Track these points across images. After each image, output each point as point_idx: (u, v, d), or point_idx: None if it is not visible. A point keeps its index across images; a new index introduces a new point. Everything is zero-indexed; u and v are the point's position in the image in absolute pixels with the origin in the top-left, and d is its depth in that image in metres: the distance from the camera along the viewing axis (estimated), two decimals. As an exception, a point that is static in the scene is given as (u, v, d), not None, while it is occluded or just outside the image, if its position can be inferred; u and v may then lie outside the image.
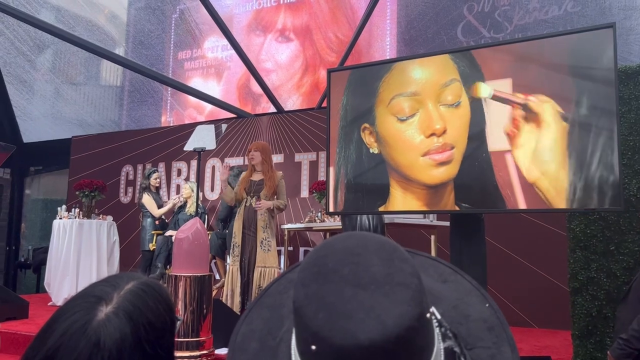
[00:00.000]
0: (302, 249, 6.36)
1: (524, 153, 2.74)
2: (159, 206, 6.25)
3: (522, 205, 2.74)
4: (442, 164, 2.91)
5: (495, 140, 2.82)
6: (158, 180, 6.46)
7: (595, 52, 2.67)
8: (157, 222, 6.24)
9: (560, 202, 2.67)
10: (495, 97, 2.84)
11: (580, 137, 2.66)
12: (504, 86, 2.83)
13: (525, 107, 2.77)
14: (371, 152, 3.15)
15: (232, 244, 4.60)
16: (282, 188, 4.68)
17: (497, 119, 2.83)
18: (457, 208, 2.90)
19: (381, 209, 3.14)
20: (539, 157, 2.71)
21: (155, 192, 6.39)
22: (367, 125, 3.17)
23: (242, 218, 4.56)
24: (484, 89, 2.87)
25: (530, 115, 2.74)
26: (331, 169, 3.27)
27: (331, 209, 3.32)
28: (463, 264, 2.92)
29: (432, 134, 2.94)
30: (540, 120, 2.72)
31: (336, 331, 0.55)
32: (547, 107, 2.72)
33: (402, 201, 3.05)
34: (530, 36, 3.50)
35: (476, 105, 2.88)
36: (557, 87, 2.73)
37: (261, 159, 4.63)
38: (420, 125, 2.98)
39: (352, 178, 3.21)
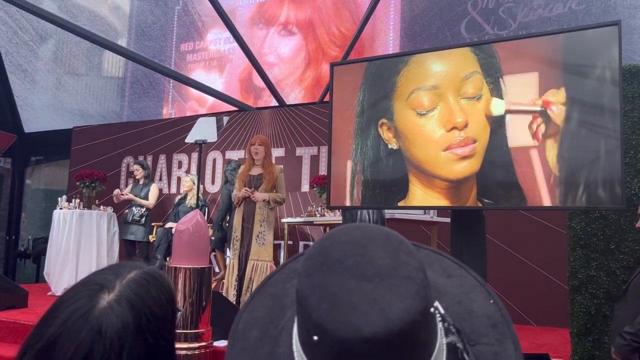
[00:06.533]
0: (301, 243, 6.36)
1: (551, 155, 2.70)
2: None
3: (546, 202, 2.70)
4: (465, 158, 2.86)
5: (517, 136, 2.77)
6: None
7: (599, 50, 2.66)
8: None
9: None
10: (509, 112, 2.78)
11: (584, 135, 2.65)
12: (529, 81, 2.78)
13: (543, 114, 2.71)
14: (389, 147, 3.10)
15: (232, 238, 4.61)
16: (282, 181, 4.69)
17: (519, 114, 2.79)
18: (479, 204, 2.84)
19: (400, 204, 3.10)
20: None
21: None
22: (385, 120, 3.12)
23: (242, 212, 4.57)
24: (497, 106, 2.81)
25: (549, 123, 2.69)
26: (348, 164, 3.24)
27: (347, 204, 3.28)
28: (463, 260, 2.89)
29: (454, 128, 2.88)
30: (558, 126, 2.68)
31: (338, 323, 0.54)
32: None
33: (422, 197, 2.99)
34: (534, 33, 3.49)
35: (498, 97, 2.84)
36: (565, 85, 2.72)
37: (265, 154, 4.64)
38: (441, 119, 2.93)
39: (369, 174, 3.17)
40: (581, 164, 2.64)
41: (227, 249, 5.75)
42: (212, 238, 5.85)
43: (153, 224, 6.28)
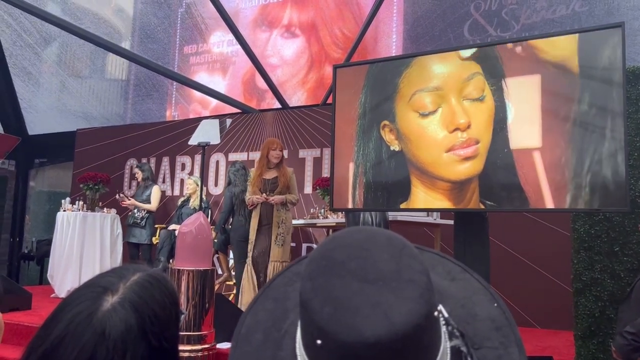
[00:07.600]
0: (304, 245, 6.36)
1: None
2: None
3: (549, 204, 2.69)
4: (468, 159, 2.84)
5: (520, 137, 2.75)
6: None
7: (603, 52, 2.65)
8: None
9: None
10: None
11: (587, 137, 2.64)
12: (532, 83, 2.78)
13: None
14: (392, 149, 3.09)
15: (248, 241, 4.62)
16: (294, 183, 4.76)
17: (522, 113, 2.77)
18: (481, 206, 2.83)
19: (402, 206, 3.10)
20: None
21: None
22: (387, 122, 3.12)
23: (259, 215, 4.58)
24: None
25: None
26: (350, 166, 3.24)
27: (350, 206, 3.28)
28: (466, 263, 2.87)
29: (456, 129, 2.87)
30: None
31: (341, 326, 0.54)
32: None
33: (424, 199, 2.98)
34: (537, 35, 3.48)
35: (500, 99, 2.83)
36: (565, 86, 2.72)
37: (282, 158, 4.71)
38: (443, 121, 2.92)
39: (371, 176, 3.16)
40: (585, 166, 2.63)
41: (230, 251, 5.74)
42: (215, 240, 5.85)
43: (156, 226, 6.28)
